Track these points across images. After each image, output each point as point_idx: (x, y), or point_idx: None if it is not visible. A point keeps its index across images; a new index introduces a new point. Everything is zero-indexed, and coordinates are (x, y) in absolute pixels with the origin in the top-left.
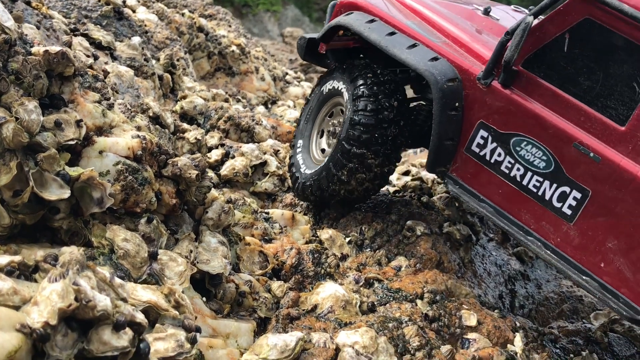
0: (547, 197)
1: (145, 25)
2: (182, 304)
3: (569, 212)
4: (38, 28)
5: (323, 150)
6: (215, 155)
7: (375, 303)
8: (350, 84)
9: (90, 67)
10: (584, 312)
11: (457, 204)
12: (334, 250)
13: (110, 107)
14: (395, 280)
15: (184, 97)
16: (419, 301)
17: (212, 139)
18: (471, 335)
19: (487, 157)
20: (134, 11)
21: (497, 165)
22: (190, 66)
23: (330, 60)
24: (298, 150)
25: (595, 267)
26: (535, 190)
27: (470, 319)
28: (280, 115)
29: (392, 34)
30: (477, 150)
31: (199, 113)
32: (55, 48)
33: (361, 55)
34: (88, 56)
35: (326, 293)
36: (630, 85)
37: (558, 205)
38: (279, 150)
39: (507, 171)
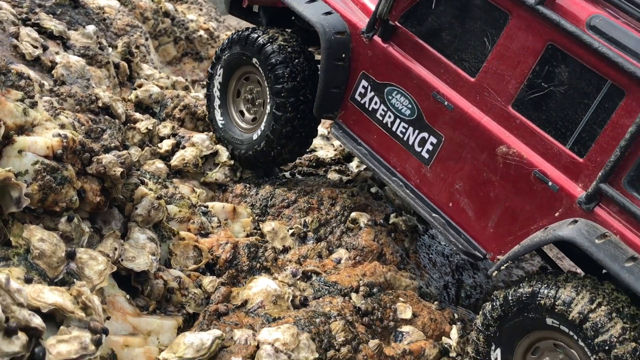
0: (410, 142)
1: (105, 12)
2: (89, 305)
3: (426, 156)
4: None
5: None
6: (166, 145)
7: (310, 297)
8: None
9: (38, 58)
10: None
11: None
12: (275, 243)
13: (34, 105)
14: (333, 273)
15: (140, 86)
16: (353, 294)
17: (165, 128)
18: (405, 328)
19: (367, 105)
20: None
21: (374, 113)
22: (152, 53)
23: (261, 18)
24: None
25: (444, 206)
26: (401, 135)
27: (406, 312)
28: None
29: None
30: (359, 98)
31: (154, 102)
32: None
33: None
34: (36, 47)
35: (257, 288)
36: (482, 41)
37: (418, 149)
38: None
39: (381, 118)
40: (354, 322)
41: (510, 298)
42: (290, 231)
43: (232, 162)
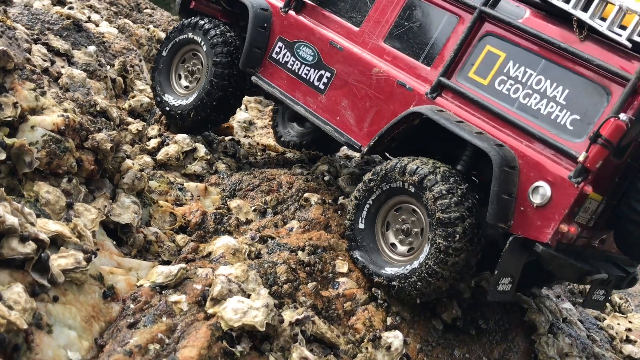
0: (311, 79)
1: (104, 37)
2: (83, 235)
3: (322, 87)
4: (0, 37)
5: (187, 87)
6: (153, 143)
7: (263, 253)
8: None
9: (47, 69)
10: None
11: (357, 183)
12: (240, 216)
13: (43, 94)
14: (285, 238)
15: (133, 97)
16: (300, 252)
17: (153, 130)
18: (341, 279)
19: (281, 60)
20: (97, 25)
21: (286, 64)
22: (145, 72)
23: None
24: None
25: (333, 119)
26: (305, 76)
27: (343, 267)
28: (232, 116)
29: None
30: (275, 56)
31: (145, 110)
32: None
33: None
34: (45, 61)
35: (220, 243)
36: (365, 2)
37: (317, 83)
38: (212, 141)
39: (290, 67)
40: (297, 269)
41: (397, 167)
42: (253, 207)
43: (208, 157)
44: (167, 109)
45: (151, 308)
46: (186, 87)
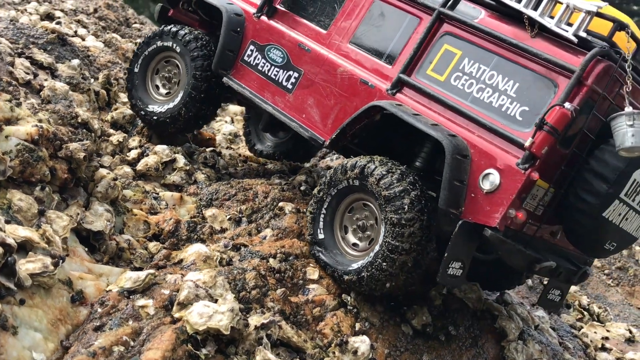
0: (280, 80)
1: (90, 51)
2: (52, 240)
3: (290, 87)
4: None
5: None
6: (133, 154)
7: (235, 260)
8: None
9: (29, 82)
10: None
11: None
12: (215, 225)
13: (19, 104)
14: (258, 245)
15: (116, 109)
16: (271, 259)
17: (134, 141)
18: (312, 286)
19: (252, 62)
20: (83, 39)
21: (256, 66)
22: None
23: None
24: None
25: (300, 117)
26: (274, 77)
27: (314, 274)
28: (218, 129)
29: None
30: (246, 59)
31: (127, 122)
32: None
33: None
34: (28, 73)
35: (192, 250)
36: (332, 7)
37: (285, 83)
38: (193, 152)
39: (261, 68)
40: (267, 276)
41: (339, 169)
42: (228, 216)
43: (187, 167)
44: (155, 117)
45: (118, 312)
46: (167, 93)
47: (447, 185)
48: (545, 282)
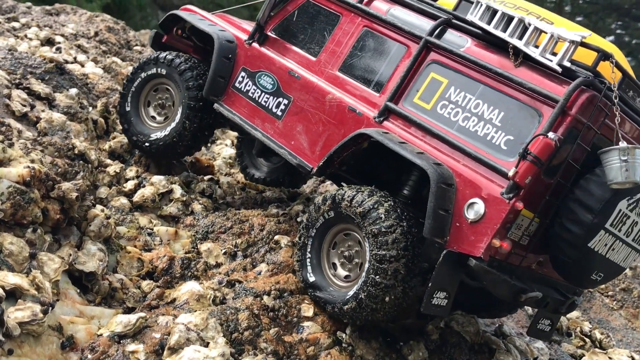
0: (270, 106)
1: (89, 78)
2: (41, 287)
3: (280, 113)
4: None
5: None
6: (130, 185)
7: (229, 298)
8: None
9: (26, 114)
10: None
11: None
12: (210, 260)
13: (11, 145)
14: (253, 282)
15: (114, 138)
16: (265, 296)
17: (131, 172)
18: (306, 324)
19: (243, 88)
20: (82, 66)
21: (247, 92)
22: None
23: None
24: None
25: (288, 144)
26: (264, 103)
27: (308, 311)
28: (218, 153)
29: (210, 24)
30: (238, 85)
31: (125, 151)
32: None
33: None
34: (24, 105)
35: (185, 289)
36: (322, 35)
37: (275, 110)
38: (191, 181)
39: (251, 95)
40: (260, 315)
41: (312, 208)
42: (223, 250)
43: (184, 198)
44: (161, 144)
45: (108, 358)
46: (165, 118)
47: (432, 214)
48: (535, 313)
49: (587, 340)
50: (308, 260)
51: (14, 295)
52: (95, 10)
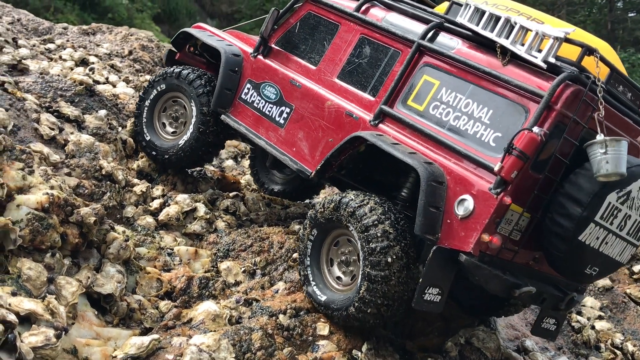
0: (273, 115)
1: (119, 99)
2: (55, 312)
3: (282, 121)
4: (7, 110)
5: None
6: (155, 204)
7: (245, 317)
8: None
9: (54, 137)
10: (453, 330)
11: None
12: (229, 278)
13: (31, 173)
14: (270, 300)
15: (142, 157)
16: (281, 315)
17: (157, 191)
18: (321, 342)
19: (248, 100)
20: (114, 86)
21: (252, 103)
22: None
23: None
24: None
25: (290, 150)
26: (268, 113)
27: (324, 329)
28: (248, 167)
29: (218, 40)
30: (244, 96)
31: (153, 170)
32: None
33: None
34: (53, 129)
35: (201, 309)
36: (322, 44)
37: (278, 119)
38: (217, 198)
39: (256, 105)
40: (274, 335)
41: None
42: (242, 269)
43: (207, 216)
44: (179, 152)
45: None
46: (177, 128)
47: (423, 212)
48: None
49: (619, 352)
50: (310, 277)
51: (28, 320)
52: (146, 19)
